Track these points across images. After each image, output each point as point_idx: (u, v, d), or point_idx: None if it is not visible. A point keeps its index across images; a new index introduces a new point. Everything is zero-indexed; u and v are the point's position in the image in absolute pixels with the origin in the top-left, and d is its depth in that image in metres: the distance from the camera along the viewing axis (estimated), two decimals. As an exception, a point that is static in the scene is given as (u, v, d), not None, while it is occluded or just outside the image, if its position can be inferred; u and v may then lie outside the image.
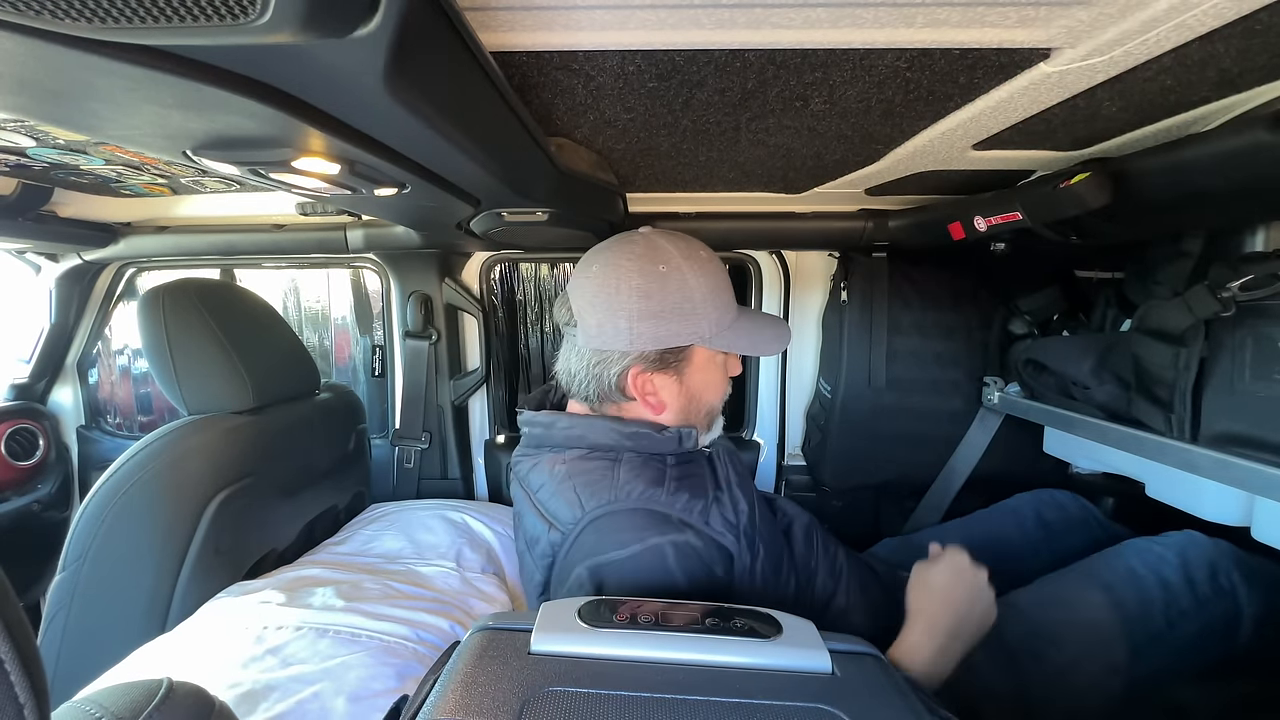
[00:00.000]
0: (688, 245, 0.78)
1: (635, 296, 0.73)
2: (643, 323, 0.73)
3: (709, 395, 0.81)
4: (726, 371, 0.84)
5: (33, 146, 0.80)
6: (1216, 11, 0.41)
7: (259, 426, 0.99)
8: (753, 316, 0.84)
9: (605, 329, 0.74)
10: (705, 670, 0.46)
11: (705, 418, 0.82)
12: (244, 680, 0.71)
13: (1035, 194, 0.82)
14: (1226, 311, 0.75)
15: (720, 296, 0.78)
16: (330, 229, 1.29)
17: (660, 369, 0.76)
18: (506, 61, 0.51)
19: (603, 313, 0.74)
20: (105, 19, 0.29)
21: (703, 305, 0.75)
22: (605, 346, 0.75)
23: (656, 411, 0.78)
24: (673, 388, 0.78)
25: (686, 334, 0.75)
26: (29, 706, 0.28)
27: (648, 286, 0.73)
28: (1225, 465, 0.75)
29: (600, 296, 0.74)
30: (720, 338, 0.77)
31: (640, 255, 0.75)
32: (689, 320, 0.75)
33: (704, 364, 0.79)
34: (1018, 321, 1.22)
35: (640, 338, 0.74)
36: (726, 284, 0.80)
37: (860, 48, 0.48)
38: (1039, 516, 1.09)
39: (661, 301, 0.73)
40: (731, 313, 0.79)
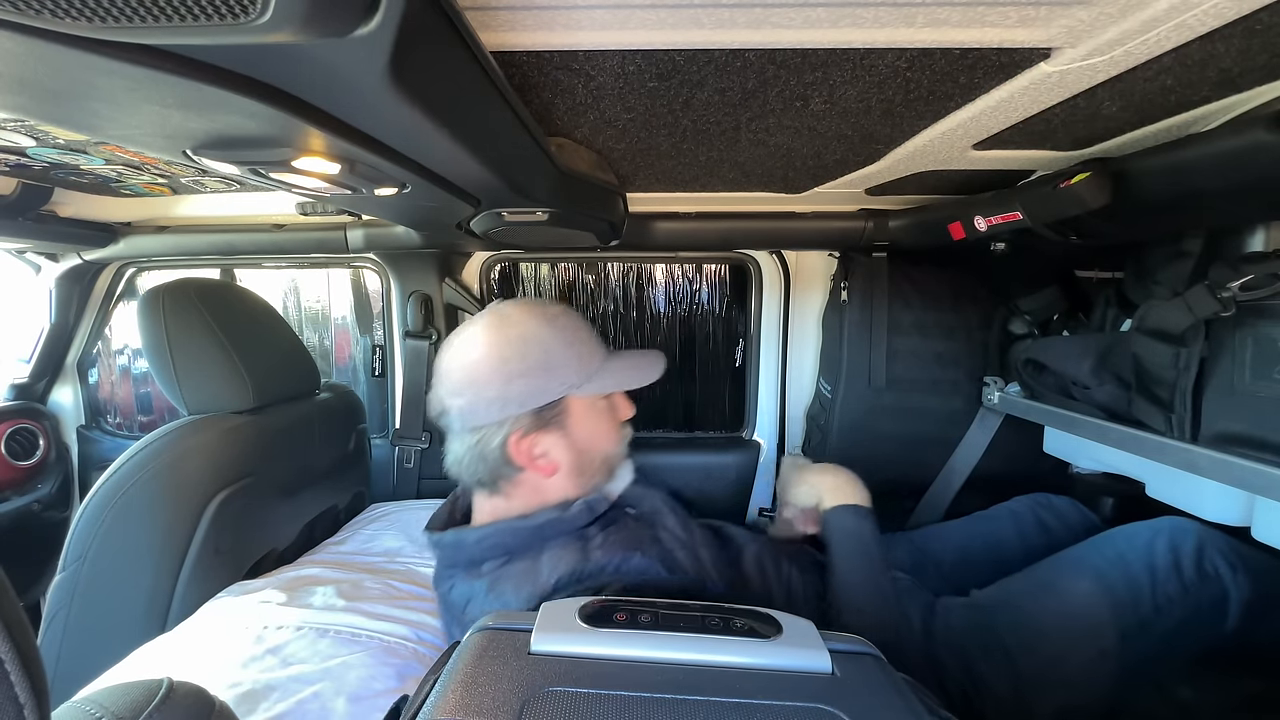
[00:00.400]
0: (535, 306, 0.80)
1: (493, 366, 0.74)
2: (508, 387, 0.74)
3: (600, 444, 0.82)
4: (615, 416, 0.85)
5: (33, 146, 0.80)
6: (1217, 11, 0.41)
7: (259, 426, 0.99)
8: (624, 356, 0.85)
9: (475, 405, 0.75)
10: (705, 670, 0.46)
11: (603, 467, 0.82)
12: (244, 680, 0.70)
13: (1035, 194, 0.82)
14: (1226, 311, 0.75)
15: (580, 345, 0.79)
16: (330, 229, 1.29)
17: (540, 428, 0.76)
18: (507, 61, 0.51)
19: (468, 392, 0.75)
20: (105, 18, 0.29)
21: (563, 357, 0.76)
22: (480, 422, 0.75)
23: (549, 473, 0.78)
24: (559, 445, 0.78)
25: (554, 388, 0.76)
26: (29, 706, 0.28)
27: (503, 352, 0.75)
28: (1225, 465, 0.75)
29: (462, 377, 0.76)
30: (591, 383, 0.78)
31: (489, 327, 0.77)
32: (553, 374, 0.75)
33: (584, 413, 0.80)
34: (1018, 321, 1.22)
35: (509, 403, 0.74)
36: (586, 333, 0.82)
37: (860, 47, 0.48)
38: (1038, 520, 1.10)
39: (520, 362, 0.74)
40: (598, 357, 0.81)
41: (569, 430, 0.78)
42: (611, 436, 0.84)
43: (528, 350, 0.75)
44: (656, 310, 1.60)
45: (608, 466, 0.83)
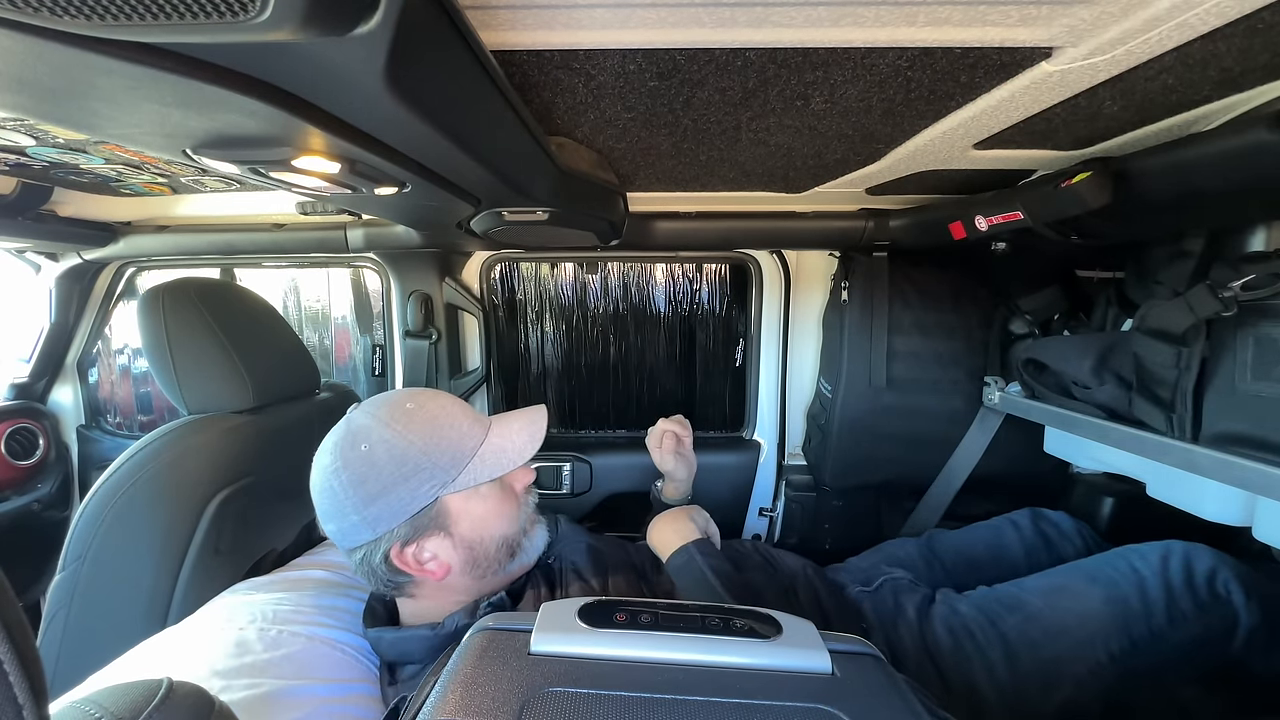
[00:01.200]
0: (389, 408, 0.75)
1: (350, 488, 0.71)
2: (371, 507, 0.71)
3: (492, 530, 0.78)
4: (508, 492, 0.80)
5: (32, 145, 0.80)
6: (1218, 10, 0.41)
7: (259, 426, 0.99)
8: (503, 425, 0.80)
9: (345, 530, 0.73)
10: (705, 670, 0.46)
11: (502, 550, 0.79)
12: (243, 681, 0.70)
13: (1036, 193, 0.82)
14: (1228, 311, 0.75)
15: (444, 439, 0.74)
16: (330, 228, 1.29)
17: (420, 536, 0.73)
18: (507, 60, 0.51)
19: (335, 517, 0.73)
20: (105, 16, 0.29)
21: (424, 459, 0.72)
22: (357, 543, 0.73)
23: (441, 576, 0.75)
24: (445, 545, 0.75)
25: (421, 494, 0.72)
26: (28, 707, 0.28)
27: (357, 473, 0.71)
28: (1226, 465, 0.74)
29: (325, 503, 0.74)
30: (463, 476, 0.74)
31: (337, 446, 0.74)
32: (415, 480, 0.71)
33: (465, 507, 0.75)
34: (1018, 321, 1.22)
35: (378, 521, 0.71)
36: (450, 419, 0.76)
37: (861, 46, 0.48)
38: (1039, 531, 1.11)
39: (377, 479, 0.71)
40: (470, 441, 0.76)
41: (452, 528, 0.75)
42: (506, 517, 0.79)
43: (381, 465, 0.71)
44: (656, 310, 1.59)
45: (508, 548, 0.79)
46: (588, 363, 1.62)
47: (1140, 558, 0.89)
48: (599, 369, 1.62)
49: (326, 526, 0.75)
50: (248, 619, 0.80)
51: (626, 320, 1.60)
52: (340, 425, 0.77)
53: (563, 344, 1.62)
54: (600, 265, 1.57)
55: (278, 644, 0.77)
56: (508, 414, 0.84)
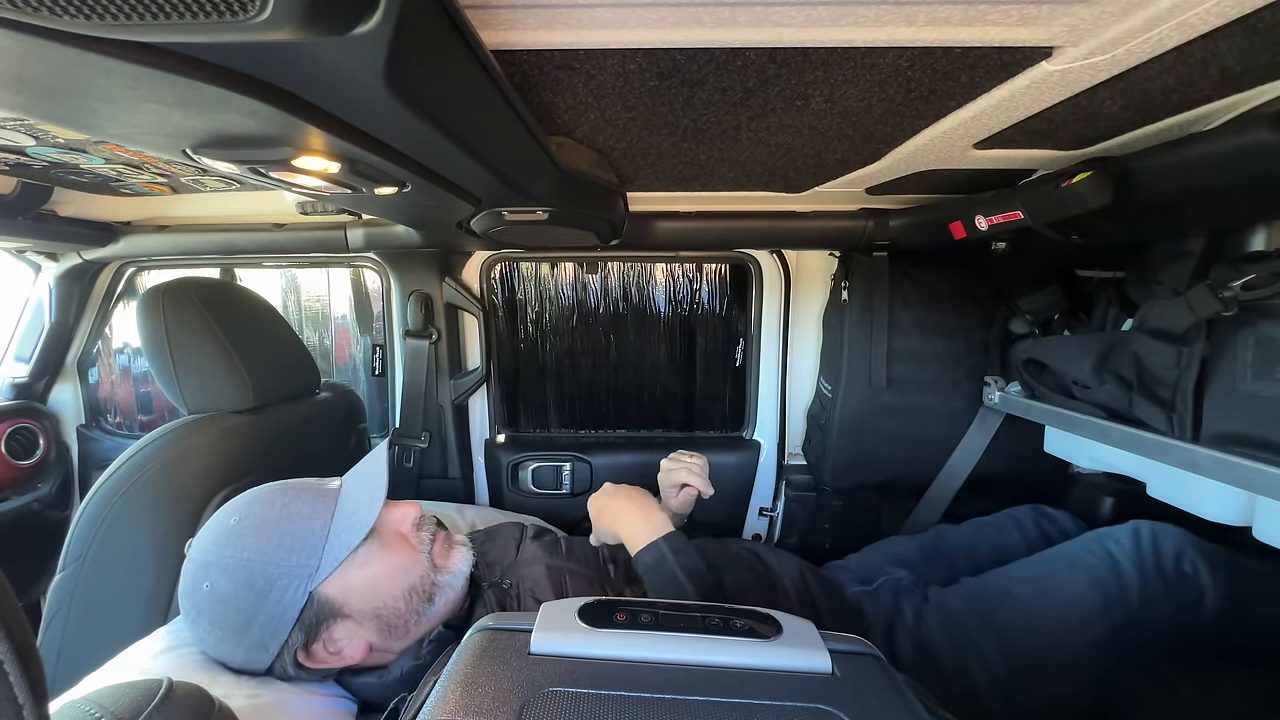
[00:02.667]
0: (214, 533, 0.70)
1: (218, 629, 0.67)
2: (248, 637, 0.66)
3: (391, 587, 0.72)
4: (396, 540, 0.74)
5: (32, 145, 0.80)
6: (1219, 10, 0.41)
7: (259, 426, 0.99)
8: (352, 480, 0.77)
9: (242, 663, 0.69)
10: (705, 670, 0.46)
11: (414, 599, 0.73)
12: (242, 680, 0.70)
13: (1037, 193, 0.82)
14: (1228, 311, 0.75)
15: (288, 535, 0.69)
16: (330, 228, 1.29)
17: (318, 631, 0.68)
18: (507, 60, 0.51)
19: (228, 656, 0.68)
20: (104, 16, 0.29)
21: (273, 566, 0.67)
22: (261, 667, 0.69)
23: (363, 655, 0.71)
24: (349, 627, 0.70)
25: (291, 600, 0.67)
26: (28, 706, 0.28)
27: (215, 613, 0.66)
28: (1227, 465, 0.74)
29: (210, 649, 0.69)
30: (325, 563, 0.68)
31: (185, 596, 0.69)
32: (277, 591, 0.66)
33: (345, 585, 0.69)
34: (1018, 321, 1.22)
35: (264, 645, 0.67)
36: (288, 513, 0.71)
37: (862, 46, 0.48)
38: (1040, 530, 1.12)
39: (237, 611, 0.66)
40: (316, 521, 0.70)
41: (347, 609, 0.69)
42: (400, 569, 0.73)
43: (231, 598, 0.66)
44: (656, 310, 1.59)
45: (420, 594, 0.74)
46: (588, 363, 1.62)
47: (1114, 540, 0.91)
48: (599, 369, 1.62)
49: (232, 661, 0.70)
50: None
51: (626, 320, 1.60)
52: (181, 575, 0.71)
53: (563, 344, 1.62)
54: (600, 265, 1.57)
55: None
56: (354, 469, 0.80)
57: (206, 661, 0.71)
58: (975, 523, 1.17)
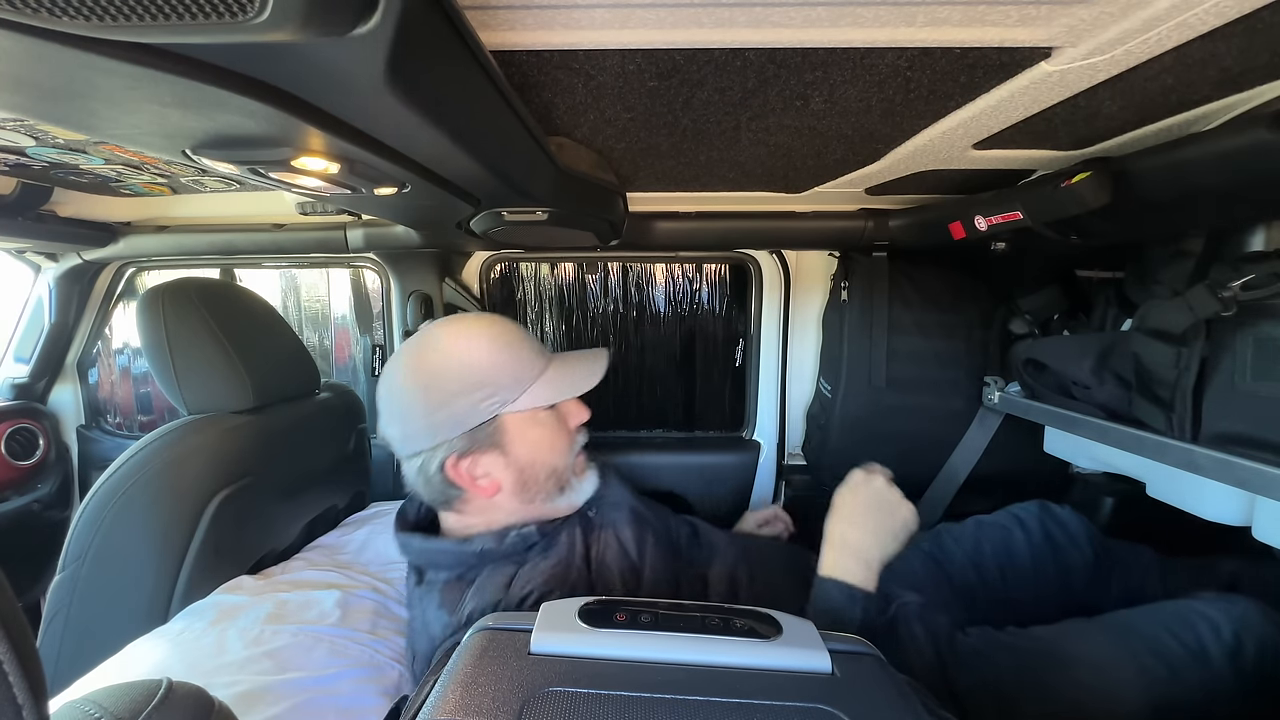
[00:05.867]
0: (462, 324, 0.80)
1: (417, 394, 0.75)
2: (435, 414, 0.74)
3: (545, 456, 0.80)
4: (563, 424, 0.82)
5: (32, 146, 0.80)
6: (1218, 10, 0.41)
7: (259, 426, 0.99)
8: (566, 358, 0.83)
9: (408, 434, 0.76)
10: (705, 670, 0.46)
11: (551, 480, 0.81)
12: (241, 680, 0.70)
13: (1036, 193, 0.82)
14: (1227, 311, 0.75)
15: (511, 360, 0.77)
16: (330, 229, 1.29)
17: (476, 449, 0.76)
18: (507, 60, 0.51)
19: (399, 422, 0.77)
20: (104, 17, 0.29)
21: (489, 375, 0.75)
22: (416, 449, 0.76)
23: (491, 493, 0.77)
24: (498, 463, 0.77)
25: (483, 408, 0.75)
26: (27, 707, 0.28)
27: (425, 380, 0.75)
28: (1226, 465, 0.74)
29: (392, 407, 0.77)
30: (524, 398, 0.76)
31: (411, 353, 0.77)
32: (479, 393, 0.74)
33: (523, 429, 0.78)
34: (1018, 321, 1.22)
35: (439, 428, 0.74)
36: (517, 345, 0.79)
37: (861, 47, 0.48)
38: (1045, 530, 1.08)
39: (443, 388, 0.74)
40: (532, 369, 0.78)
41: (507, 447, 0.77)
42: (558, 448, 0.81)
43: (448, 375, 0.75)
44: (656, 310, 1.59)
45: (557, 480, 0.81)
46: (588, 363, 1.62)
47: (1212, 630, 0.76)
48: (599, 369, 1.62)
49: (389, 430, 0.78)
50: (229, 619, 0.80)
51: (626, 320, 1.60)
52: (414, 335, 0.81)
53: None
54: (600, 265, 1.57)
55: (258, 641, 0.77)
56: (568, 353, 0.86)
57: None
58: (977, 521, 1.13)
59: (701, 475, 1.48)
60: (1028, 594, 1.01)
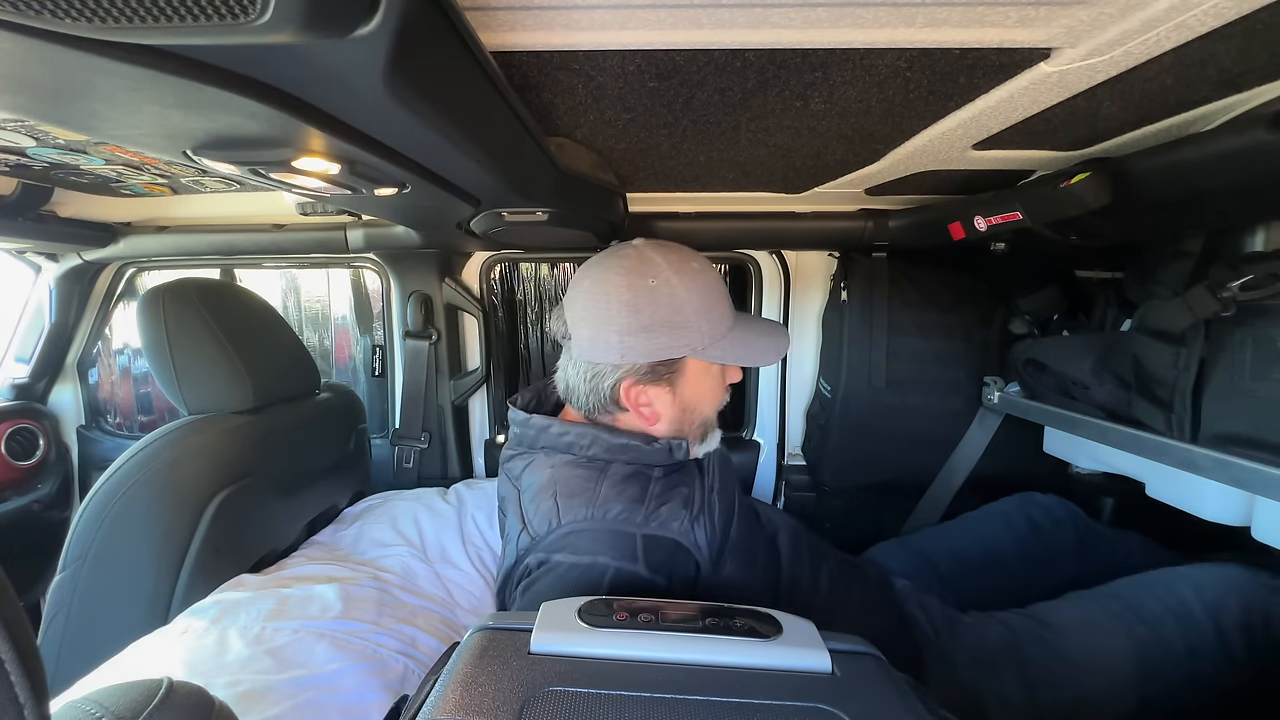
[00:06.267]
0: (679, 256, 0.78)
1: (624, 311, 0.74)
2: (632, 336, 0.74)
3: (704, 405, 0.82)
4: (724, 380, 0.84)
5: (33, 146, 0.80)
6: (1217, 11, 0.41)
7: (259, 426, 0.99)
8: (750, 324, 0.84)
9: (596, 343, 0.76)
10: (705, 670, 0.46)
11: (699, 428, 0.82)
12: (243, 680, 0.71)
13: (1035, 194, 0.82)
14: (1226, 311, 0.75)
15: (713, 308, 0.78)
16: (330, 229, 1.29)
17: (653, 381, 0.77)
18: (507, 61, 0.51)
19: (594, 327, 0.76)
20: (105, 19, 0.29)
21: (694, 318, 0.75)
22: (597, 359, 0.76)
23: (650, 422, 0.79)
24: (666, 399, 0.78)
25: (677, 347, 0.75)
26: (29, 706, 0.28)
27: (636, 301, 0.74)
28: (1225, 465, 0.75)
29: (591, 311, 0.76)
30: (713, 349, 0.77)
31: (629, 270, 0.75)
32: (679, 333, 0.75)
33: (698, 375, 0.79)
34: (1018, 321, 1.22)
35: (630, 351, 0.74)
36: (720, 294, 0.80)
37: (860, 47, 0.48)
38: (1028, 518, 1.10)
39: (651, 315, 0.74)
40: (726, 322, 0.79)
41: (679, 388, 0.79)
42: (715, 400, 0.83)
43: (660, 305, 0.74)
44: (656, 310, 1.59)
45: (704, 428, 0.83)
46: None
47: (1194, 590, 0.82)
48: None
49: (579, 332, 0.77)
50: (231, 618, 0.80)
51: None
52: (627, 251, 0.78)
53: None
54: (600, 265, 1.57)
55: (260, 639, 0.77)
56: (753, 318, 0.88)
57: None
58: (961, 519, 1.15)
59: (701, 475, 1.48)
60: (1017, 581, 1.02)
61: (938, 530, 1.15)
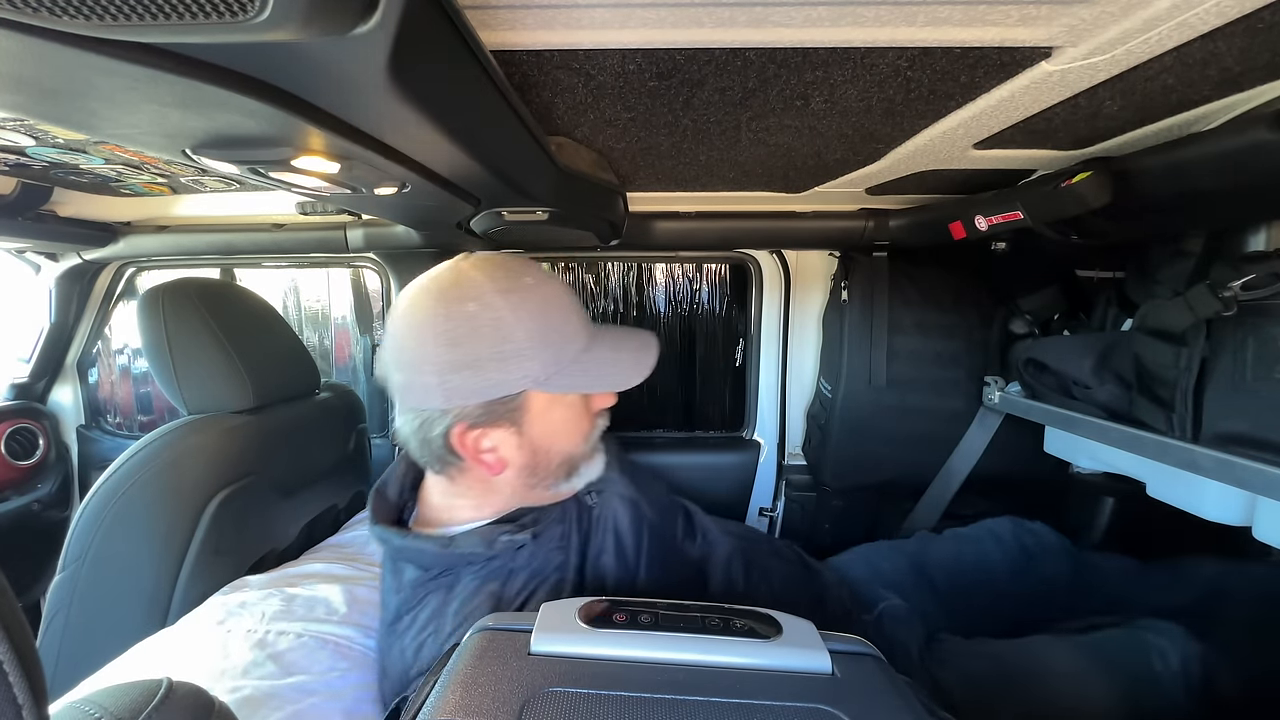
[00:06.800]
0: (507, 272, 0.67)
1: (440, 345, 0.63)
2: (454, 375, 0.63)
3: (561, 443, 0.71)
4: (588, 409, 0.74)
5: (32, 145, 0.80)
6: (1219, 10, 0.41)
7: (259, 426, 0.99)
8: (611, 339, 0.73)
9: (414, 386, 0.65)
10: (705, 670, 0.46)
11: (561, 468, 0.72)
12: (245, 685, 0.70)
13: (1036, 193, 0.82)
14: (1228, 311, 0.75)
15: (555, 330, 0.67)
16: (330, 228, 1.29)
17: (491, 423, 0.66)
18: (507, 60, 0.51)
19: (408, 369, 0.65)
20: (104, 17, 0.29)
21: (529, 344, 0.64)
22: (421, 405, 0.66)
23: (496, 471, 0.69)
24: (511, 441, 0.68)
25: (512, 381, 0.64)
26: (27, 707, 0.28)
27: (454, 331, 0.63)
28: (1227, 465, 0.74)
29: (404, 348, 0.65)
30: (560, 378, 0.66)
31: (443, 293, 0.65)
32: (512, 365, 0.64)
33: (546, 410, 0.68)
34: (1018, 321, 1.22)
35: (455, 393, 0.64)
36: (565, 311, 0.69)
37: (861, 46, 0.48)
38: (1020, 543, 1.09)
39: (473, 348, 0.63)
40: (576, 344, 0.68)
41: (525, 427, 0.68)
42: (578, 434, 0.72)
43: (484, 334, 0.63)
44: (656, 310, 1.59)
45: (568, 466, 0.73)
46: (588, 363, 1.62)
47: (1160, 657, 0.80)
48: (599, 369, 1.62)
49: (394, 376, 0.67)
50: (235, 621, 0.80)
51: (626, 320, 1.60)
52: (446, 270, 0.67)
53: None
54: (600, 265, 1.57)
55: (263, 645, 0.76)
56: (614, 329, 0.76)
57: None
58: (955, 534, 1.13)
59: (701, 475, 1.48)
60: (1009, 604, 1.01)
61: (931, 540, 1.13)
